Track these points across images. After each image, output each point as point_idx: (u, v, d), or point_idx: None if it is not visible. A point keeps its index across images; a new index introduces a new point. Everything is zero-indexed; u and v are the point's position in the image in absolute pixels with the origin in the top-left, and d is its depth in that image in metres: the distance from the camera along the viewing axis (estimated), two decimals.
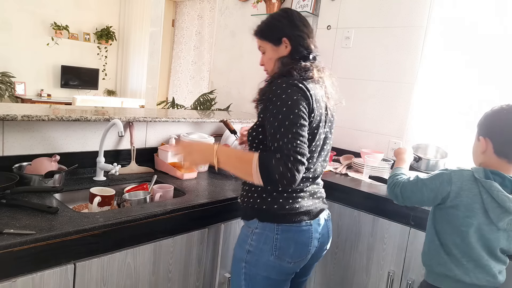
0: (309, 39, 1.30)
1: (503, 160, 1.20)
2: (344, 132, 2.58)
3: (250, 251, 1.24)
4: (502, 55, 1.96)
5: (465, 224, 1.20)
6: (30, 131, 1.56)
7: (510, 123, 1.20)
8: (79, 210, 1.45)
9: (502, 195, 1.14)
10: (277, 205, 1.22)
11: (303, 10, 2.67)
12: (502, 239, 1.20)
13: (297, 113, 1.13)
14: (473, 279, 1.21)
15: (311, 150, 1.23)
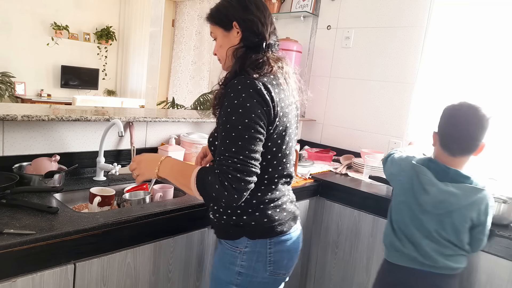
0: (264, 24, 1.14)
1: (446, 153, 1.32)
2: (344, 132, 2.58)
3: (242, 273, 1.14)
4: (502, 55, 1.96)
5: (399, 201, 1.40)
6: (30, 131, 1.56)
7: (452, 120, 1.31)
8: (79, 210, 1.45)
9: (425, 178, 1.31)
10: (266, 218, 1.13)
11: (303, 10, 2.67)
12: (433, 221, 1.31)
13: (248, 123, 1.01)
14: (410, 251, 1.35)
15: (284, 154, 1.15)
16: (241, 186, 1.00)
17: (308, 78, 2.79)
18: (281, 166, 1.16)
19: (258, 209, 1.13)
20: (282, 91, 1.11)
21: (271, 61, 1.12)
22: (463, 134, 1.28)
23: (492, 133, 1.31)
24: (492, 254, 1.47)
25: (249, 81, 1.04)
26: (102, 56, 6.54)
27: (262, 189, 1.14)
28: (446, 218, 1.29)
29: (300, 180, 1.99)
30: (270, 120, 1.06)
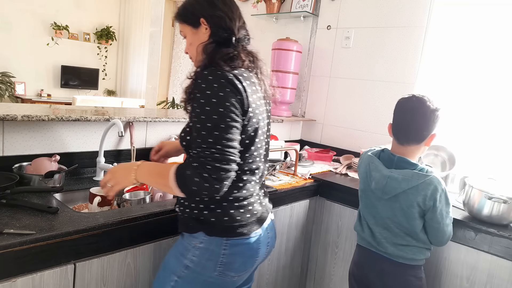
0: (232, 19, 1.13)
1: (395, 141, 1.43)
2: (344, 132, 2.58)
3: (189, 267, 1.10)
4: (502, 55, 1.96)
5: (360, 190, 1.53)
6: (30, 131, 1.56)
7: (401, 111, 1.41)
8: (79, 210, 1.45)
9: (373, 165, 1.44)
10: (227, 216, 1.09)
11: (303, 10, 2.67)
12: (385, 208, 1.41)
13: (223, 112, 1.00)
14: (367, 236, 1.49)
15: (256, 147, 1.12)
16: (221, 175, 0.98)
17: (308, 78, 2.79)
18: (252, 160, 1.12)
19: (220, 206, 1.09)
20: (253, 84, 1.11)
21: (242, 55, 1.12)
22: (408, 124, 1.38)
23: (494, 132, 1.31)
24: (492, 254, 1.47)
25: (219, 72, 1.03)
26: (102, 56, 6.54)
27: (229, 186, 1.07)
28: (394, 202, 1.39)
29: (300, 180, 1.99)
30: (244, 109, 1.05)
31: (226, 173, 0.99)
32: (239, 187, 1.11)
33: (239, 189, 1.11)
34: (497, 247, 1.46)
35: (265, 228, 1.18)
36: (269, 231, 1.21)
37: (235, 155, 1.01)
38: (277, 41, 2.61)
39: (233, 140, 1.01)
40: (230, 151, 1.00)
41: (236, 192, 1.10)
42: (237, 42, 1.14)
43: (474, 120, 2.05)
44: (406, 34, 2.27)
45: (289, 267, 2.00)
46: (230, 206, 1.10)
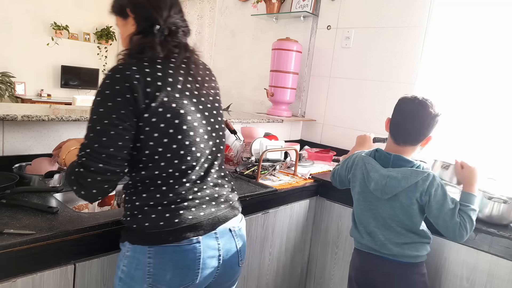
0: (156, 8, 1.04)
1: (392, 140, 1.43)
2: (344, 132, 2.58)
3: (122, 278, 1.02)
4: (502, 54, 1.96)
5: (356, 193, 1.49)
6: (30, 131, 1.56)
7: (402, 111, 1.40)
8: (79, 210, 1.45)
9: (370, 166, 1.43)
10: (148, 222, 0.98)
11: (303, 10, 2.67)
12: (386, 207, 1.40)
13: (102, 113, 0.93)
14: (367, 241, 1.45)
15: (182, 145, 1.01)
16: (86, 182, 0.93)
17: (308, 78, 2.79)
18: (178, 161, 1.01)
19: (142, 212, 0.99)
20: (170, 76, 1.01)
21: (158, 46, 1.02)
22: (408, 126, 1.38)
23: (494, 132, 1.31)
24: (492, 254, 1.47)
25: (120, 67, 0.97)
26: (102, 56, 6.54)
27: (151, 190, 1.01)
28: (394, 202, 1.38)
29: (300, 180, 1.99)
30: (139, 107, 0.95)
31: (93, 182, 0.93)
32: (163, 191, 1.01)
33: (162, 193, 1.01)
34: (497, 247, 1.46)
35: (212, 237, 1.04)
36: (222, 241, 1.07)
37: (107, 163, 0.93)
38: (277, 41, 2.61)
39: (108, 147, 0.93)
40: (100, 157, 0.93)
41: (159, 196, 1.00)
42: (160, 32, 1.04)
43: (474, 120, 2.05)
44: (406, 34, 2.27)
45: (289, 267, 2.00)
46: (153, 211, 0.99)
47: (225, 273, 1.10)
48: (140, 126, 0.97)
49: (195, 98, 1.06)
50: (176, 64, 1.04)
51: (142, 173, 1.01)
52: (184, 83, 1.04)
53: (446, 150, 2.15)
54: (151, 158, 1.00)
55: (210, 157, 1.09)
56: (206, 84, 1.12)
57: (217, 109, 1.15)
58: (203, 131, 1.06)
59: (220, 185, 1.12)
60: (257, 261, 1.78)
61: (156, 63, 1.00)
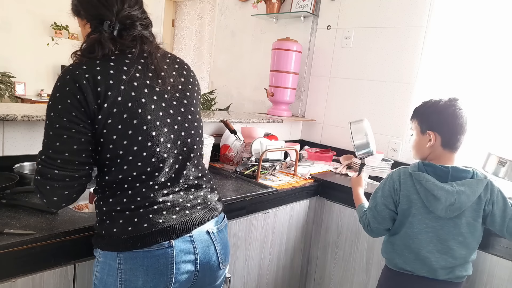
0: (103, 3, 0.98)
1: (447, 151, 1.31)
2: (344, 132, 2.58)
3: (96, 285, 0.99)
4: (502, 54, 1.96)
5: (406, 214, 1.32)
6: (30, 131, 1.56)
7: (455, 118, 1.29)
8: (79, 210, 1.44)
9: (430, 184, 1.26)
10: (116, 228, 0.94)
11: (303, 10, 2.67)
12: (448, 227, 1.27)
13: (53, 117, 0.90)
14: (412, 269, 1.31)
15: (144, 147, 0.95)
16: (46, 190, 0.93)
17: (308, 78, 2.80)
18: (142, 164, 0.96)
19: (109, 217, 0.96)
20: (124, 73, 0.94)
21: (108, 42, 0.95)
22: (463, 130, 1.30)
23: (494, 132, 1.30)
24: (492, 254, 1.47)
25: (71, 67, 0.92)
26: None
27: (117, 194, 0.96)
28: (460, 219, 1.27)
29: (300, 180, 1.99)
30: (91, 109, 0.90)
31: (52, 189, 0.92)
32: (129, 195, 0.96)
33: (128, 197, 0.96)
34: (497, 247, 1.46)
35: (186, 241, 0.99)
36: (198, 244, 1.02)
37: (63, 168, 0.91)
38: (277, 41, 2.61)
39: (61, 152, 0.91)
40: (54, 163, 0.91)
41: (126, 200, 0.96)
42: (111, 27, 0.97)
43: (474, 119, 2.05)
44: (406, 34, 2.27)
45: (289, 267, 2.00)
46: (120, 216, 0.95)
47: (204, 277, 1.06)
48: (97, 129, 0.93)
49: (156, 95, 0.99)
50: (132, 60, 0.98)
51: (106, 178, 0.97)
52: (142, 79, 0.97)
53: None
54: (113, 161, 0.95)
55: (180, 158, 1.03)
56: (172, 80, 1.03)
57: (186, 105, 1.06)
58: (168, 130, 1.00)
59: (196, 186, 1.06)
60: (257, 261, 1.78)
61: (109, 61, 0.94)
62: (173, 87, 1.04)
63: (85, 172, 0.95)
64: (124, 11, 0.99)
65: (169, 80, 1.03)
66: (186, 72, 1.10)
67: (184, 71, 1.10)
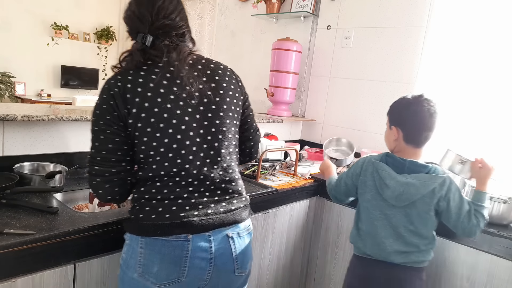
0: (139, 17, 1.06)
1: (409, 145, 1.37)
2: (344, 132, 2.58)
3: (121, 265, 1.07)
4: (502, 54, 1.96)
5: (362, 200, 1.46)
6: (30, 131, 1.56)
7: (417, 115, 1.35)
8: (79, 210, 1.45)
9: (384, 173, 1.37)
10: (143, 214, 1.03)
11: (303, 10, 2.67)
12: (400, 215, 1.36)
13: (94, 121, 1.03)
14: (371, 252, 1.41)
15: (170, 148, 1.03)
16: (93, 185, 1.06)
17: (308, 78, 2.79)
18: (168, 164, 1.04)
19: (139, 204, 1.06)
20: (151, 81, 1.03)
21: (135, 55, 1.05)
22: (427, 126, 1.34)
23: (494, 132, 1.31)
24: (492, 254, 1.47)
25: (109, 78, 1.05)
26: (102, 56, 6.54)
27: (148, 185, 1.05)
28: (411, 209, 1.35)
29: (300, 180, 1.99)
30: (121, 113, 1.01)
31: (98, 184, 1.05)
32: (157, 186, 1.05)
33: (157, 188, 1.05)
34: (497, 247, 1.46)
35: (205, 238, 1.05)
36: (215, 244, 1.06)
37: (103, 165, 1.03)
38: (277, 41, 2.61)
39: (101, 151, 1.03)
40: (95, 161, 1.04)
41: (154, 191, 1.04)
42: (143, 39, 1.05)
43: (474, 120, 2.05)
44: (406, 34, 2.27)
45: (289, 267, 2.00)
46: (147, 204, 1.04)
47: (219, 279, 1.09)
48: (130, 131, 1.03)
49: (182, 101, 1.05)
50: (161, 69, 1.05)
51: (140, 173, 1.07)
52: (169, 86, 1.04)
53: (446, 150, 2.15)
54: (145, 160, 1.04)
55: (208, 161, 1.08)
56: (201, 86, 1.08)
57: (215, 111, 1.10)
58: (193, 133, 1.06)
59: (222, 190, 1.11)
60: (257, 261, 1.78)
61: (140, 71, 1.03)
62: (201, 93, 1.08)
63: (121, 168, 1.05)
64: (158, 22, 1.06)
65: (197, 87, 1.08)
66: (219, 78, 1.13)
67: (217, 76, 1.13)
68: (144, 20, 1.06)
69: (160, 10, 1.06)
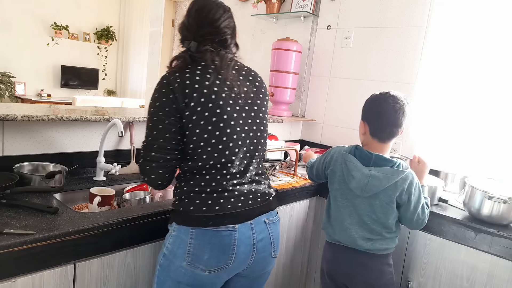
0: (188, 27, 1.22)
1: (375, 140, 1.46)
2: (344, 132, 2.58)
3: (165, 255, 1.15)
4: (502, 54, 1.96)
5: (334, 189, 1.53)
6: (30, 131, 1.56)
7: (380, 110, 1.43)
8: (79, 210, 1.45)
9: (351, 164, 1.45)
10: (193, 206, 1.13)
11: (303, 10, 2.67)
12: (364, 205, 1.45)
13: (152, 112, 1.14)
14: (339, 237, 1.50)
15: (220, 141, 1.14)
16: (146, 170, 1.15)
17: (308, 78, 2.80)
18: (218, 155, 1.14)
19: (188, 197, 1.15)
20: (207, 80, 1.15)
21: (182, 57, 1.19)
22: (391, 122, 1.42)
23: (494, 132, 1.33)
24: (492, 254, 1.48)
25: (167, 74, 1.16)
26: (102, 56, 6.54)
27: (196, 178, 1.16)
28: (374, 200, 1.43)
29: (300, 180, 1.99)
30: (179, 106, 1.12)
31: (151, 169, 1.14)
32: (206, 179, 1.15)
33: (206, 181, 1.15)
34: (497, 247, 1.46)
35: (248, 227, 1.17)
36: (257, 231, 1.19)
37: (158, 151, 1.13)
38: (277, 41, 2.61)
39: (158, 139, 1.13)
40: (153, 147, 1.13)
41: (203, 184, 1.15)
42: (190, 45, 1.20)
43: (474, 120, 2.05)
44: (406, 34, 2.27)
45: (289, 267, 2.00)
46: (197, 197, 1.14)
47: (259, 262, 1.21)
48: (184, 123, 1.13)
49: (232, 100, 1.18)
50: (213, 70, 1.17)
51: (189, 164, 1.16)
52: (221, 86, 1.17)
53: (447, 150, 2.15)
54: (195, 151, 1.14)
55: (248, 155, 1.21)
56: (245, 89, 1.22)
57: (256, 112, 1.24)
58: (240, 129, 1.18)
59: (257, 182, 1.24)
60: None
61: (196, 70, 1.16)
62: (246, 95, 1.22)
63: (174, 156, 1.15)
64: (202, 30, 1.20)
65: (242, 89, 1.21)
66: (258, 84, 1.28)
67: (256, 82, 1.28)
68: (191, 29, 1.21)
69: (205, 19, 1.21)
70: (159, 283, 1.17)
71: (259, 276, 1.28)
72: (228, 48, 1.24)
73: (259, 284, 1.32)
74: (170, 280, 1.14)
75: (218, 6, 1.23)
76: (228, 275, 1.19)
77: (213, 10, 1.21)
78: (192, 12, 1.22)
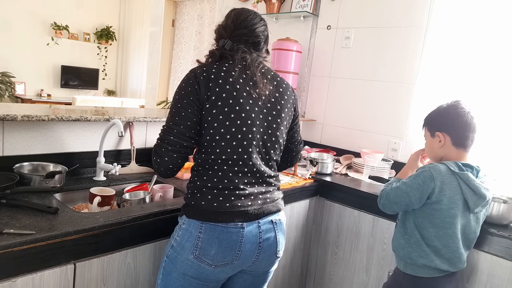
0: (224, 28, 1.30)
1: (460, 149, 1.36)
2: (344, 132, 2.58)
3: (173, 247, 1.18)
4: (502, 54, 1.96)
5: (450, 215, 1.31)
6: (30, 131, 1.56)
7: (461, 117, 1.36)
8: (79, 210, 1.45)
9: (477, 184, 1.30)
10: (205, 201, 1.17)
11: (303, 10, 2.67)
12: (473, 222, 1.36)
13: (176, 99, 1.19)
14: (449, 267, 1.35)
15: (234, 137, 1.17)
16: (161, 151, 1.17)
17: (308, 78, 2.79)
18: (230, 151, 1.18)
19: (200, 191, 1.19)
20: (231, 77, 1.20)
21: (214, 54, 1.27)
22: (471, 127, 1.36)
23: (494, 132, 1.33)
24: (492, 254, 1.47)
25: (195, 67, 1.22)
26: (102, 56, 6.54)
27: (209, 173, 1.19)
28: (479, 214, 1.38)
29: (300, 180, 1.99)
30: (202, 97, 1.17)
31: (166, 151, 1.16)
32: (219, 176, 1.18)
33: (218, 178, 1.18)
34: (497, 247, 1.46)
35: (255, 226, 1.19)
36: (263, 230, 1.21)
37: (177, 136, 1.16)
38: (277, 41, 2.61)
39: (179, 124, 1.17)
40: (172, 132, 1.17)
41: (215, 180, 1.18)
42: (223, 44, 1.27)
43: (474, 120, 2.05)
44: (406, 34, 2.27)
45: (289, 267, 2.00)
46: (209, 192, 1.17)
47: (263, 260, 1.24)
48: (204, 115, 1.17)
49: (252, 100, 1.21)
50: (239, 69, 1.22)
51: (203, 156, 1.20)
52: (244, 85, 1.20)
53: None
54: (210, 143, 1.18)
55: (260, 156, 1.24)
56: (267, 92, 1.25)
57: (275, 115, 1.26)
58: (256, 129, 1.21)
59: (268, 183, 1.27)
60: None
61: (223, 66, 1.21)
62: (267, 97, 1.25)
63: (190, 144, 1.19)
64: (238, 31, 1.27)
65: (265, 91, 1.24)
66: (282, 90, 1.31)
67: (280, 88, 1.30)
68: (228, 29, 1.28)
69: (242, 22, 1.28)
70: (165, 274, 1.19)
71: (262, 274, 1.30)
72: (260, 52, 1.31)
73: (261, 283, 1.33)
74: (176, 271, 1.17)
75: (256, 15, 1.32)
76: (232, 271, 1.21)
77: (251, 17, 1.30)
78: (231, 15, 1.30)
